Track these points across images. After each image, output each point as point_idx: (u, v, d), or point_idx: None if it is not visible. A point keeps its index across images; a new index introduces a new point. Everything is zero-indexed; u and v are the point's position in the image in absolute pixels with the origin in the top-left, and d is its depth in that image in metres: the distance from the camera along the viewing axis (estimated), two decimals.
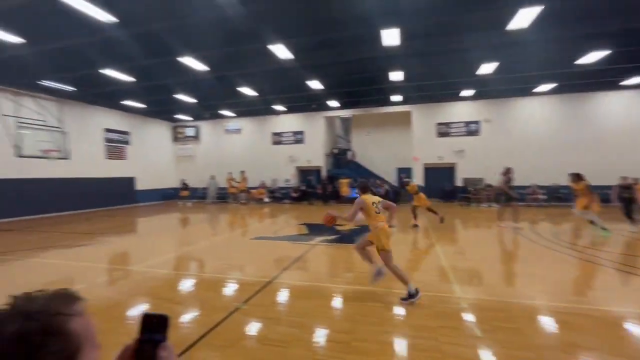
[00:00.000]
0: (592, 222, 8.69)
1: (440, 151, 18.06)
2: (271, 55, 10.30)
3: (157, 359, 0.72)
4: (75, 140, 14.71)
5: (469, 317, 3.79)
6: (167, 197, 21.48)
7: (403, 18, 8.14)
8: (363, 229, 9.77)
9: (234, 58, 10.87)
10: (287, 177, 20.56)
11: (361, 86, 14.44)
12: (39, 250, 7.71)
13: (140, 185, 19.52)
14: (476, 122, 17.55)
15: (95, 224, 11.99)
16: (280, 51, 9.91)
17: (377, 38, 9.09)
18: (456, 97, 17.08)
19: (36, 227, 11.30)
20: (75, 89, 13.45)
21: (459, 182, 17.81)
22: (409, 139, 19.04)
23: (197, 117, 21.44)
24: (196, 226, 11.93)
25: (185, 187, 19.77)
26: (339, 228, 10.10)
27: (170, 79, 12.47)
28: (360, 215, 4.36)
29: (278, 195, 19.86)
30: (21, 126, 12.30)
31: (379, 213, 4.31)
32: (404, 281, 4.13)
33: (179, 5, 7.44)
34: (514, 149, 16.67)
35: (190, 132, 22.45)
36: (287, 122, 20.67)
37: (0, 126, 11.95)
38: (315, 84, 13.68)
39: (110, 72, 11.37)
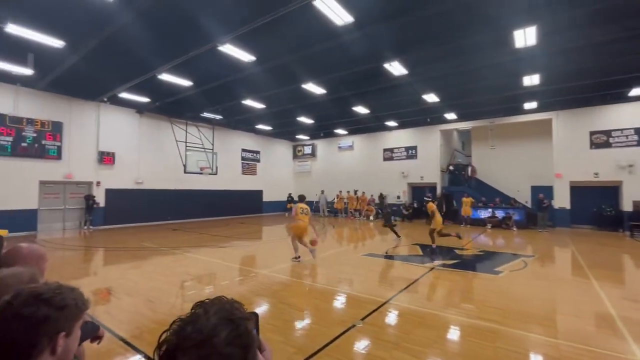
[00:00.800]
0: None
1: (596, 166, 14.42)
2: (385, 73, 10.42)
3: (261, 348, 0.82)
4: (221, 159, 18.01)
5: None
6: (287, 209, 23.87)
7: (544, 11, 7.01)
8: (484, 256, 8.59)
9: (350, 80, 11.45)
10: (398, 193, 20.00)
11: (484, 95, 13.01)
12: (193, 248, 9.64)
13: (265, 197, 22.48)
14: None
15: (233, 230, 14.25)
16: (395, 68, 9.92)
17: (508, 40, 8.09)
18: (621, 98, 13.47)
19: (192, 229, 14.20)
20: (222, 118, 16.68)
21: (626, 206, 13.77)
22: (547, 151, 15.96)
23: (314, 136, 23.34)
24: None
25: (290, 200, 21.67)
26: (459, 252, 9.15)
27: (293, 103, 14.06)
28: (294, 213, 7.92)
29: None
30: (188, 149, 15.94)
31: (302, 214, 7.75)
32: (295, 250, 7.83)
33: (303, 38, 8.38)
34: None
35: (307, 150, 24.55)
36: (399, 137, 20.29)
37: (176, 149, 15.76)
38: (430, 97, 13.06)
39: (248, 102, 13.70)
